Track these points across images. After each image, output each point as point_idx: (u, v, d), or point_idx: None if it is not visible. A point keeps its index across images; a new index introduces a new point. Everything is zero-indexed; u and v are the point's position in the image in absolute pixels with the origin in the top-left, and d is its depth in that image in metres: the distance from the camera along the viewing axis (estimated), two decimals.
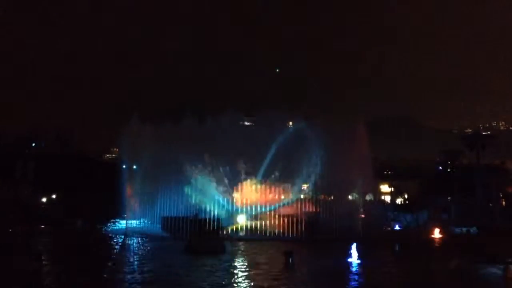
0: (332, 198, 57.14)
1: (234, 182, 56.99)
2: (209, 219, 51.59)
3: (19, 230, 51.68)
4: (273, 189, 57.01)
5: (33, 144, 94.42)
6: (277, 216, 53.97)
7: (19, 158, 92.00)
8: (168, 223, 52.63)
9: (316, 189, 56.21)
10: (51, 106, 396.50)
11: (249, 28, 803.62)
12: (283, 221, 53.29)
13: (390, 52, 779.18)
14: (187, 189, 55.43)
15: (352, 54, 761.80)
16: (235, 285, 24.66)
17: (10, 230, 51.79)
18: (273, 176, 56.69)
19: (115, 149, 62.17)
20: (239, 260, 34.93)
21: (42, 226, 54.14)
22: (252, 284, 24.78)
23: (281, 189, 57.08)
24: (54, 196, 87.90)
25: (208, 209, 53.28)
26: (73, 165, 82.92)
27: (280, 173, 56.45)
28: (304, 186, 57.77)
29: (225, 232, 50.59)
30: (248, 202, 55.73)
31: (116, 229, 54.69)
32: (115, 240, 46.11)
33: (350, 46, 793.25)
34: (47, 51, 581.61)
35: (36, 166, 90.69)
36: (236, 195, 56.89)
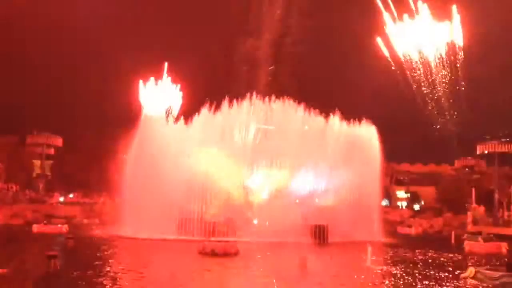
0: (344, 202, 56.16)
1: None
2: (224, 220, 51.50)
3: (35, 229, 52.39)
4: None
5: (54, 143, 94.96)
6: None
7: (37, 156, 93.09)
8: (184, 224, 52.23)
9: (328, 192, 55.65)
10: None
11: None
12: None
13: None
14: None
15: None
16: None
17: (27, 228, 52.49)
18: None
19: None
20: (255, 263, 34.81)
21: (59, 225, 54.63)
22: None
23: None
24: (71, 196, 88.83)
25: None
26: (91, 165, 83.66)
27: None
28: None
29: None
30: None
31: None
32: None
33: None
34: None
35: (54, 165, 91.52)
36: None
